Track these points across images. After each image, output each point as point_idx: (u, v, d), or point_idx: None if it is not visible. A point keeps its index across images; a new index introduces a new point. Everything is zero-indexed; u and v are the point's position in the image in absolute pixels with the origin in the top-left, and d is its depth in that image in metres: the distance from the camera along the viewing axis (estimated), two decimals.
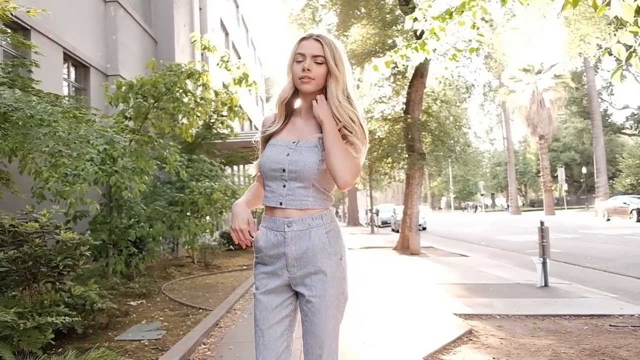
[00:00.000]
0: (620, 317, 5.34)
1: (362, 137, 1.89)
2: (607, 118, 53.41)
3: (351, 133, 1.86)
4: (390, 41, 15.25)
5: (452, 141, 15.30)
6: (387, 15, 14.65)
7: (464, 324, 5.04)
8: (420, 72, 13.30)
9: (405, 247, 13.98)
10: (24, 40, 4.30)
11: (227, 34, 24.09)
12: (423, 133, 15.23)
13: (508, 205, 57.37)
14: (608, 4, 2.56)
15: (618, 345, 4.17)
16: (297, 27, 20.28)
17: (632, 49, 2.41)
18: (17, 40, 4.29)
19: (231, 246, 12.90)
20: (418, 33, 4.25)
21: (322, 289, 1.84)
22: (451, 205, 74.39)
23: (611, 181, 46.29)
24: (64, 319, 3.78)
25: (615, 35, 2.79)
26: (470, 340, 4.56)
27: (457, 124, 15.69)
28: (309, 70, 1.86)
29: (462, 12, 3.44)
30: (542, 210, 43.69)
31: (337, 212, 67.38)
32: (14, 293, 4.16)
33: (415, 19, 3.71)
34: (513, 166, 52.16)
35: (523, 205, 64.26)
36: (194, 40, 6.69)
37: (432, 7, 3.82)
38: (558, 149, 56.59)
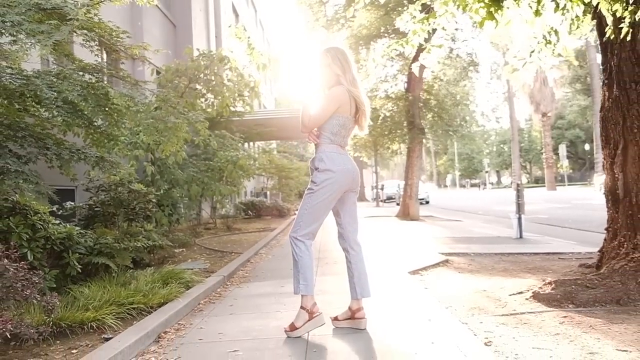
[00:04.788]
0: (570, 254, 6.69)
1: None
2: None
3: None
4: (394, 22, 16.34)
5: (449, 117, 16.53)
6: (389, 2, 15.72)
7: (443, 257, 6.43)
8: (419, 53, 14.48)
9: (406, 214, 15.37)
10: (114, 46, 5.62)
11: (237, 16, 25.22)
12: (424, 110, 16.48)
13: (512, 182, 58.44)
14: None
15: (552, 265, 5.55)
16: (305, 8, 21.35)
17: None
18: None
19: (249, 212, 14.31)
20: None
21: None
22: (456, 183, 75.62)
23: None
24: (144, 243, 5.19)
25: None
26: (446, 265, 5.96)
27: (455, 101, 16.90)
28: (325, 73, 3.35)
29: (437, 17, 4.69)
30: (545, 186, 44.79)
31: None
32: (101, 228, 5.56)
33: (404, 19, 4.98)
34: (517, 143, 53.07)
35: (528, 182, 65.35)
36: (230, 26, 7.86)
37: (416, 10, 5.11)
38: (563, 127, 57.39)
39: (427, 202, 28.98)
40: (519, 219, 8.80)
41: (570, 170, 58.41)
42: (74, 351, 2.91)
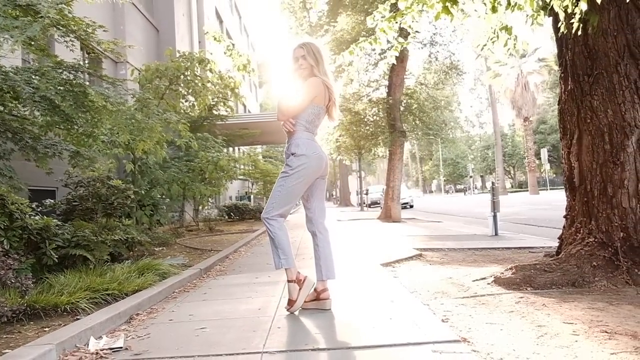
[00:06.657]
0: (541, 248, 6.89)
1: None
2: None
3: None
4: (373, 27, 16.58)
5: (429, 120, 16.77)
6: (369, 7, 15.97)
7: (417, 252, 6.59)
8: (400, 57, 14.73)
9: (388, 216, 15.55)
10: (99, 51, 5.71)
11: (221, 22, 25.35)
12: (405, 113, 16.72)
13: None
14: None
15: (521, 257, 5.74)
16: (289, 15, 21.57)
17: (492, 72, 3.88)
18: (105, 47, 5.72)
19: (232, 214, 14.39)
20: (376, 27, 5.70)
21: None
22: (442, 188, 76.25)
23: None
24: (121, 237, 5.29)
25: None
26: (419, 259, 6.12)
27: (435, 104, 17.17)
28: (301, 64, 3.50)
29: (403, 15, 4.88)
30: (528, 190, 45.34)
31: (331, 195, 69.28)
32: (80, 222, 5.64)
33: (375, 19, 5.17)
34: (500, 148, 53.66)
35: (511, 186, 66.00)
36: (207, 32, 8.05)
37: (386, 10, 5.29)
38: (545, 131, 58.03)
39: (411, 207, 29.27)
40: (494, 216, 9.01)
41: (553, 174, 59.17)
42: (46, 329, 3.02)
